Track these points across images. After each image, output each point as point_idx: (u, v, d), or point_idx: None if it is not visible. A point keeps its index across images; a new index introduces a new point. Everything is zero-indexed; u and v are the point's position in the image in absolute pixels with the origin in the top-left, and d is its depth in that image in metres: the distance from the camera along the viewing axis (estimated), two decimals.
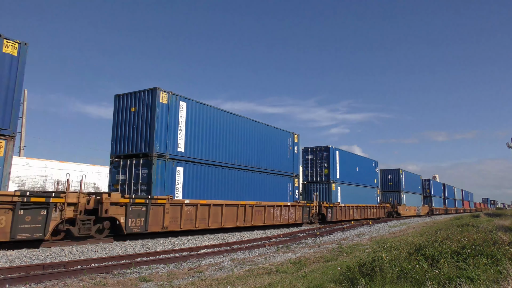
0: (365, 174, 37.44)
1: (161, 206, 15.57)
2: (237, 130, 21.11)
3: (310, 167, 32.29)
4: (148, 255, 11.52)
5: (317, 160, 31.93)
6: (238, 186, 20.50)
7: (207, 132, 18.99)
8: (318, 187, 31.26)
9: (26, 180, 29.27)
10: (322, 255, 11.88)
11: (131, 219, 14.43)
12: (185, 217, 16.51)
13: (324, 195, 30.72)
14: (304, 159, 32.69)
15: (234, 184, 20.26)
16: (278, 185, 24.09)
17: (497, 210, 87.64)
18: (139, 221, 14.74)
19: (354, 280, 6.32)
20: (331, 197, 30.45)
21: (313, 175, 31.97)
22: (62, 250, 11.85)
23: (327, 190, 30.92)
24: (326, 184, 31.23)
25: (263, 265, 9.92)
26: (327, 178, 31.34)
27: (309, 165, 32.47)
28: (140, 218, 14.75)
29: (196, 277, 8.43)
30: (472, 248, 8.08)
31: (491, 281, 5.82)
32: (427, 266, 6.61)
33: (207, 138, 18.91)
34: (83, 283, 7.77)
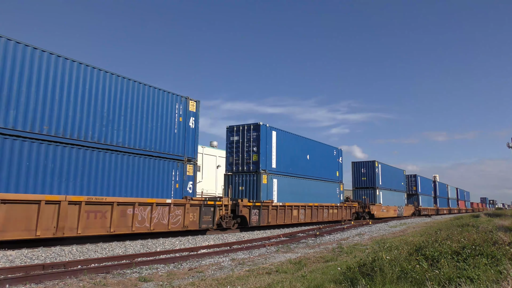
0: (321, 165, 29.24)
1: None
2: None
3: (236, 152, 23.64)
4: (148, 255, 11.52)
5: (244, 143, 23.37)
6: None
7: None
8: (244, 180, 22.93)
9: None
10: (322, 255, 11.88)
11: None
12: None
13: (251, 190, 22.59)
14: (229, 142, 24.05)
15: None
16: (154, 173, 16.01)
17: (496, 210, 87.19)
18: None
19: (354, 280, 6.32)
20: (259, 193, 22.07)
21: (238, 164, 23.42)
22: (62, 250, 11.84)
23: (255, 184, 22.48)
24: (255, 175, 22.51)
25: (263, 265, 9.92)
26: (255, 167, 22.65)
27: (234, 150, 23.77)
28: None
29: (196, 277, 8.43)
30: (472, 248, 8.08)
31: (491, 281, 5.82)
32: (427, 266, 6.61)
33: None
34: (83, 283, 7.77)
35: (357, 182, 40.61)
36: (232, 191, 22.85)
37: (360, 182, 40.45)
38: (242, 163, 23.22)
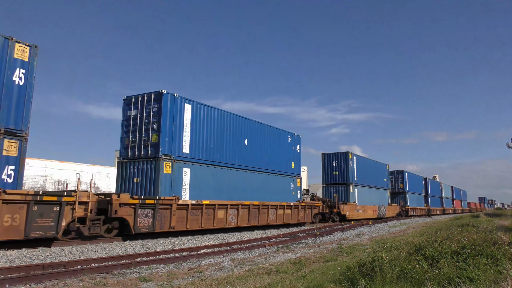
0: (268, 153, 23.06)
1: None
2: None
3: (132, 132, 17.44)
4: (148, 255, 11.52)
5: (143, 119, 17.17)
6: None
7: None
8: (141, 168, 16.67)
9: (26, 180, 29.23)
10: (322, 255, 11.88)
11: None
12: None
13: (149, 182, 16.35)
14: (125, 118, 17.87)
15: None
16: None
17: (496, 210, 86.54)
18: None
19: (354, 280, 6.33)
20: (157, 187, 15.88)
21: (135, 147, 17.20)
22: (62, 250, 11.85)
23: (154, 174, 16.19)
24: (153, 162, 16.27)
25: (263, 265, 9.93)
26: (155, 151, 16.46)
27: (131, 129, 17.53)
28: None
29: (196, 277, 8.43)
30: (472, 248, 8.09)
31: (491, 281, 5.82)
32: (427, 266, 6.61)
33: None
34: (83, 283, 7.77)
35: (327, 178, 34.57)
36: (126, 184, 17.13)
37: (331, 177, 34.45)
38: (140, 146, 17.11)
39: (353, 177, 34.31)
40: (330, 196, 33.59)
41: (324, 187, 34.79)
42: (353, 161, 34.98)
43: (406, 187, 49.00)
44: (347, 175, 33.82)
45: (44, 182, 27.74)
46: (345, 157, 34.28)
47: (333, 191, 33.67)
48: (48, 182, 27.87)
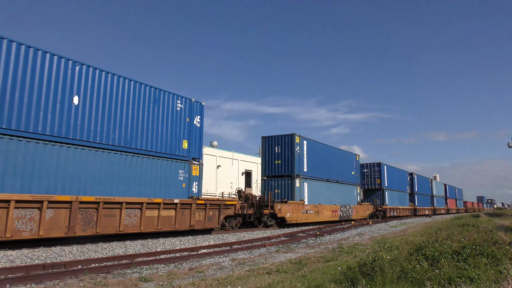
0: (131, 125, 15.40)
1: None
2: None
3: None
4: (149, 255, 11.52)
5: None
6: None
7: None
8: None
9: None
10: (323, 255, 11.88)
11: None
12: None
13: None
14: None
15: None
16: None
17: (496, 210, 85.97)
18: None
19: (354, 280, 6.32)
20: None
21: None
22: (62, 250, 11.85)
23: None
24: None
25: (263, 265, 9.92)
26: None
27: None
28: None
29: (197, 277, 8.43)
30: (472, 248, 8.08)
31: (492, 281, 5.82)
32: (428, 266, 6.61)
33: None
34: (83, 283, 7.77)
35: (268, 168, 26.56)
36: None
37: (272, 168, 26.32)
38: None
39: (301, 168, 26.01)
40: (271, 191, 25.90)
41: (263, 180, 26.52)
42: (302, 147, 26.47)
43: (384, 183, 40.77)
44: (292, 165, 25.41)
45: None
46: (291, 141, 25.65)
47: (275, 186, 25.77)
48: None
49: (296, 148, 25.81)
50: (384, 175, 41.32)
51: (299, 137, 26.32)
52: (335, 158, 31.58)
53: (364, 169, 41.53)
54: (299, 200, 25.47)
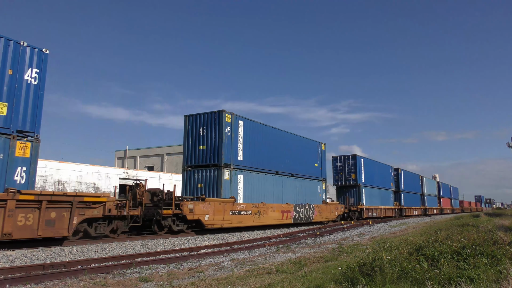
0: None
1: None
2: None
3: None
4: (148, 255, 11.53)
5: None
6: None
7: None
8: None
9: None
10: (322, 255, 11.88)
11: None
12: None
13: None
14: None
15: None
16: None
17: (495, 210, 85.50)
18: None
19: (354, 280, 6.32)
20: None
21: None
22: (62, 250, 11.85)
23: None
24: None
25: (263, 265, 9.93)
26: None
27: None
28: None
29: (197, 277, 8.43)
30: (472, 248, 8.08)
31: (491, 281, 5.83)
32: (427, 266, 6.61)
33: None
34: (83, 283, 7.77)
35: (192, 157, 20.55)
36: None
37: (196, 156, 20.41)
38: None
39: (233, 156, 20.25)
40: (194, 188, 20.23)
41: (185, 172, 20.68)
42: (236, 128, 20.64)
43: (361, 178, 35.57)
44: (220, 152, 19.47)
45: (44, 182, 27.77)
46: (218, 120, 19.71)
47: (198, 179, 20.03)
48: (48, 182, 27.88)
49: (225, 130, 19.86)
50: (361, 169, 35.75)
51: (230, 115, 20.32)
52: (290, 146, 25.70)
53: (338, 163, 35.96)
54: (228, 197, 19.43)
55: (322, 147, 30.38)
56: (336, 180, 36.55)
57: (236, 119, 20.91)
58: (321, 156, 29.96)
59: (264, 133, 23.45)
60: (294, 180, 25.99)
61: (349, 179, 35.71)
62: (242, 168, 21.11)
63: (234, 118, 20.81)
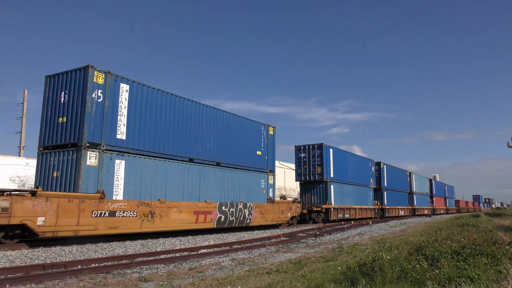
0: None
1: None
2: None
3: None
4: (148, 255, 11.53)
5: None
6: None
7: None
8: None
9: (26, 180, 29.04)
10: (322, 255, 11.88)
11: None
12: None
13: None
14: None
15: None
16: None
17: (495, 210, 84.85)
18: None
19: (354, 280, 6.32)
20: None
21: None
22: (62, 250, 11.85)
23: None
24: None
25: (263, 265, 9.93)
26: None
27: None
28: None
29: (197, 277, 8.43)
30: (472, 247, 8.09)
31: (491, 280, 5.83)
32: (427, 266, 6.61)
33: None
34: (83, 283, 7.77)
35: (48, 135, 14.85)
36: None
37: (54, 134, 14.67)
38: None
39: (109, 133, 14.71)
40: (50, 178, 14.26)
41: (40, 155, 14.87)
42: (113, 94, 14.94)
43: (329, 172, 29.53)
44: (81, 126, 13.91)
45: None
46: (83, 81, 14.24)
47: (55, 164, 14.20)
48: None
49: (92, 94, 14.11)
50: (329, 161, 29.86)
51: (104, 74, 14.58)
52: (217, 127, 19.78)
53: (301, 153, 30.02)
54: (94, 191, 13.79)
55: (270, 131, 23.82)
56: (299, 174, 30.08)
57: (115, 81, 14.92)
58: (268, 142, 23.59)
59: (168, 105, 17.20)
60: (221, 171, 19.68)
61: (314, 173, 29.12)
62: (125, 151, 15.07)
63: (112, 80, 14.82)
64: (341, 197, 31.33)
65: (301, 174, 30.23)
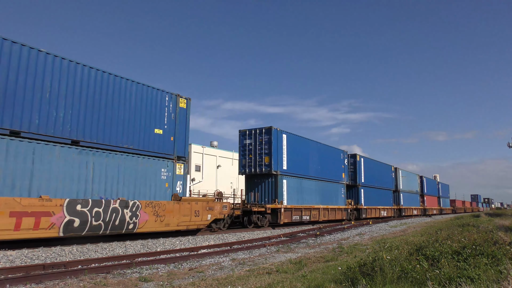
0: None
1: None
2: None
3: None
4: (149, 255, 11.53)
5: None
6: None
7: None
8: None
9: None
10: (323, 255, 11.88)
11: None
12: None
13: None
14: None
15: None
16: None
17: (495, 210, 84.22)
18: None
19: (354, 280, 6.32)
20: None
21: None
22: (62, 250, 11.85)
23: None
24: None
25: (263, 265, 9.93)
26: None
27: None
28: None
29: (197, 277, 8.43)
30: (472, 248, 8.09)
31: (492, 281, 5.82)
32: (428, 266, 6.61)
33: None
34: (83, 283, 7.77)
35: None
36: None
37: None
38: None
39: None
40: None
41: None
42: None
43: (281, 164, 23.63)
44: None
45: None
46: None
47: None
48: None
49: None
50: (281, 150, 23.83)
51: None
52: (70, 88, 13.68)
53: (246, 139, 24.25)
54: None
55: (180, 103, 18.11)
56: (243, 166, 24.15)
57: None
58: (177, 119, 17.85)
59: None
60: (81, 154, 13.77)
61: (261, 164, 23.31)
62: None
63: None
64: (299, 195, 25.45)
65: (245, 165, 24.14)
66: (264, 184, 23.74)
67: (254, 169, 23.81)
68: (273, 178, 23.50)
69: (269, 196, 23.43)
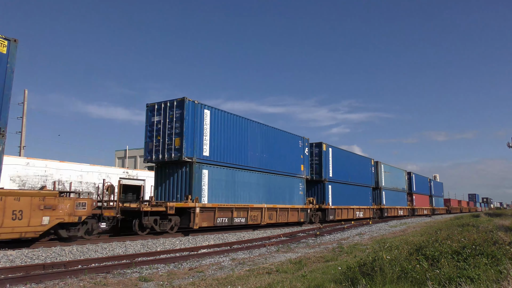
0: None
1: None
2: None
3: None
4: (149, 255, 11.53)
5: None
6: None
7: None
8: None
9: (26, 180, 29.20)
10: (323, 255, 11.88)
11: None
12: None
13: None
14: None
15: None
16: None
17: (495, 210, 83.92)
18: None
19: (354, 280, 6.33)
20: None
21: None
22: (62, 250, 11.85)
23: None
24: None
25: (263, 265, 9.93)
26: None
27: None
28: None
29: (197, 277, 8.44)
30: (472, 248, 8.09)
31: (492, 281, 5.83)
32: (428, 266, 6.61)
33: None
34: (83, 283, 7.78)
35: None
36: None
37: None
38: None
39: None
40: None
41: None
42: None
43: (201, 149, 18.07)
44: None
45: (45, 182, 27.83)
46: None
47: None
48: (49, 182, 27.94)
49: None
50: (202, 131, 18.28)
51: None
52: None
53: (154, 117, 18.63)
54: None
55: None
56: (149, 151, 18.44)
57: None
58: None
59: None
60: None
61: (170, 148, 17.65)
62: None
63: None
64: (230, 191, 19.67)
65: (152, 150, 18.29)
66: (177, 175, 18.03)
67: (162, 155, 17.87)
68: (187, 168, 17.71)
69: (182, 192, 17.77)
